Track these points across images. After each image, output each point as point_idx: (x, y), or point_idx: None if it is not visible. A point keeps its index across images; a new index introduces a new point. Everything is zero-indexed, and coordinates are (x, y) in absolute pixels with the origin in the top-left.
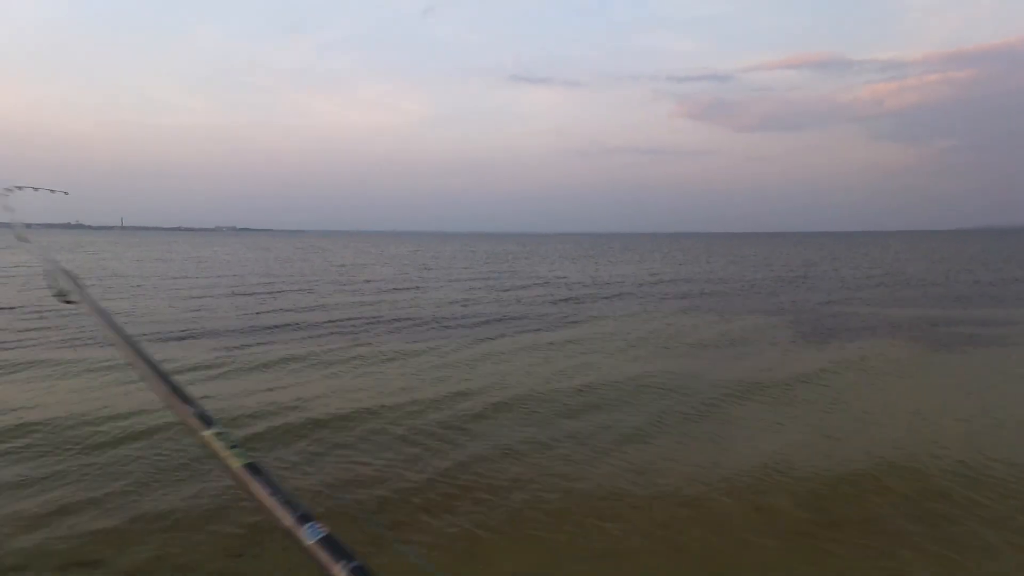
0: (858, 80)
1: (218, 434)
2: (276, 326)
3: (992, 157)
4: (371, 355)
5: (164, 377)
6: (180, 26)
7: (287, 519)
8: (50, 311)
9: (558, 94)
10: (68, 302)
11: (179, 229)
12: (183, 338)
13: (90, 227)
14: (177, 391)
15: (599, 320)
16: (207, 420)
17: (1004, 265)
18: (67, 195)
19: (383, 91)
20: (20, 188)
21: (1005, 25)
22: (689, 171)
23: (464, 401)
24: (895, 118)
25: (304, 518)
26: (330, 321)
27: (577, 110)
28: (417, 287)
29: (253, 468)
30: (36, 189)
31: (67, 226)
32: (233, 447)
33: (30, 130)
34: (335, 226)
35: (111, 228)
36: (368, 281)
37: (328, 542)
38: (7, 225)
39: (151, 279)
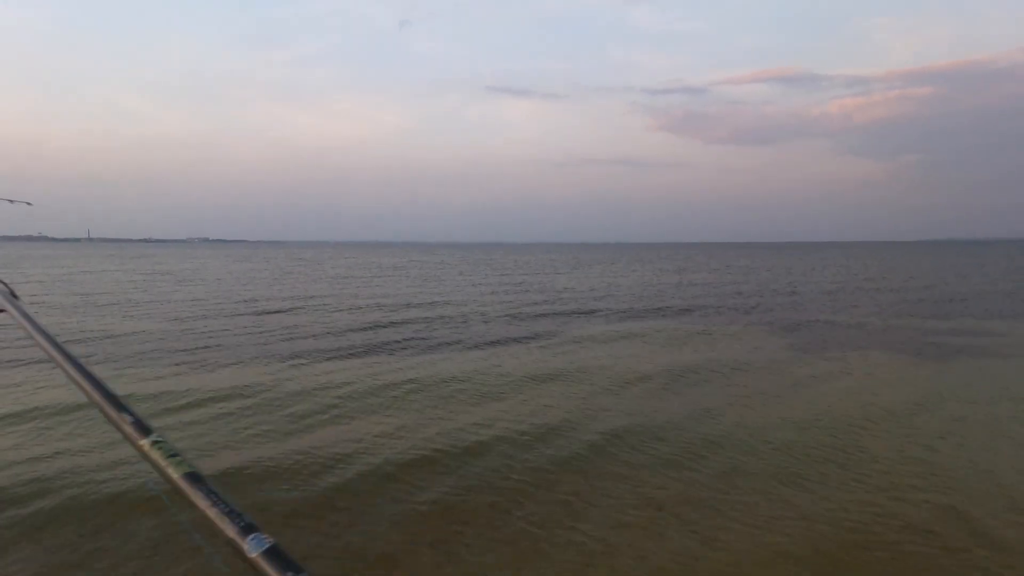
0: (827, 95)
1: (156, 442)
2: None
3: (952, 172)
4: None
5: (97, 383)
6: (151, 37)
7: (230, 530)
8: None
9: (535, 106)
10: None
11: (148, 240)
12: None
13: (55, 239)
14: (111, 397)
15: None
16: (144, 428)
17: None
18: (30, 206)
19: (360, 103)
20: None
21: (961, 47)
22: (664, 183)
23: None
24: (862, 132)
25: (248, 528)
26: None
27: (554, 122)
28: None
29: (194, 477)
30: None
31: (30, 238)
32: (172, 456)
33: None
34: (312, 237)
35: (77, 240)
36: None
37: (273, 553)
38: None
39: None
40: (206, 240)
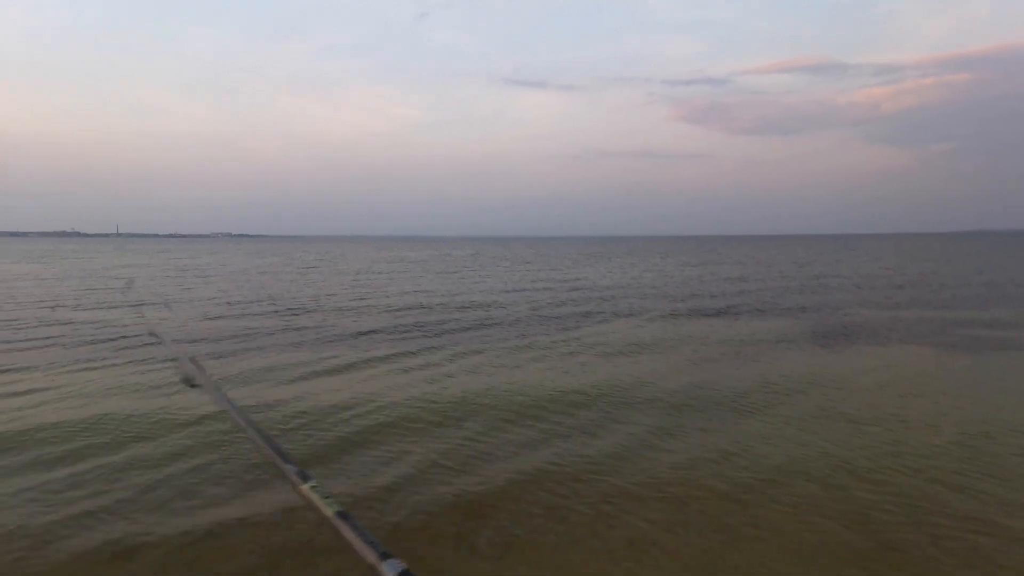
0: (854, 84)
1: (313, 487)
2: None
3: (987, 161)
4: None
5: (270, 441)
6: (172, 32)
7: (371, 557)
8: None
9: (553, 98)
10: (193, 386)
11: (174, 236)
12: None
13: (86, 235)
14: (280, 453)
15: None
16: (305, 476)
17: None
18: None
19: (378, 95)
20: None
21: (1000, 29)
22: (684, 175)
23: None
24: (891, 121)
25: (385, 555)
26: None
27: (572, 114)
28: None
29: (342, 515)
30: None
31: (63, 234)
32: (326, 498)
33: (25, 140)
34: (331, 231)
35: (107, 235)
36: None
37: (405, 575)
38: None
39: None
40: (229, 235)
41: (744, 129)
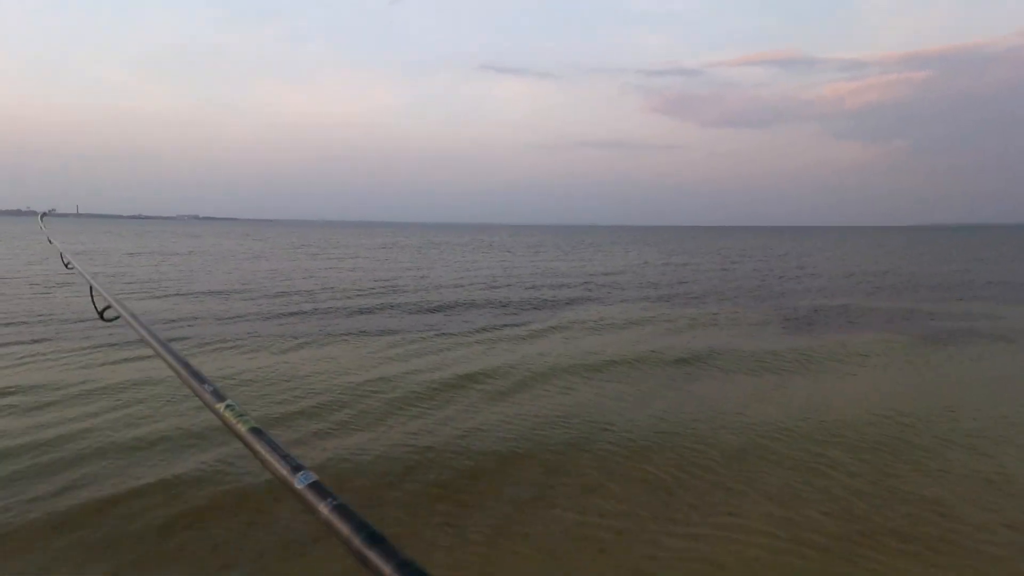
0: (821, 79)
1: (228, 406)
2: None
3: (941, 157)
4: None
5: (185, 364)
6: (133, 10)
7: (283, 470)
8: None
9: (528, 86)
10: (107, 320)
11: (139, 217)
12: None
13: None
14: (195, 373)
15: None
16: (219, 395)
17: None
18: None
19: (350, 81)
20: None
21: (955, 31)
22: (657, 165)
23: None
24: (855, 117)
25: (297, 468)
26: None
27: (549, 103)
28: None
29: (257, 432)
30: None
31: (18, 213)
32: (241, 416)
33: None
34: (303, 216)
35: (66, 216)
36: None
37: (315, 486)
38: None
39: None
40: (196, 217)
41: (715, 121)
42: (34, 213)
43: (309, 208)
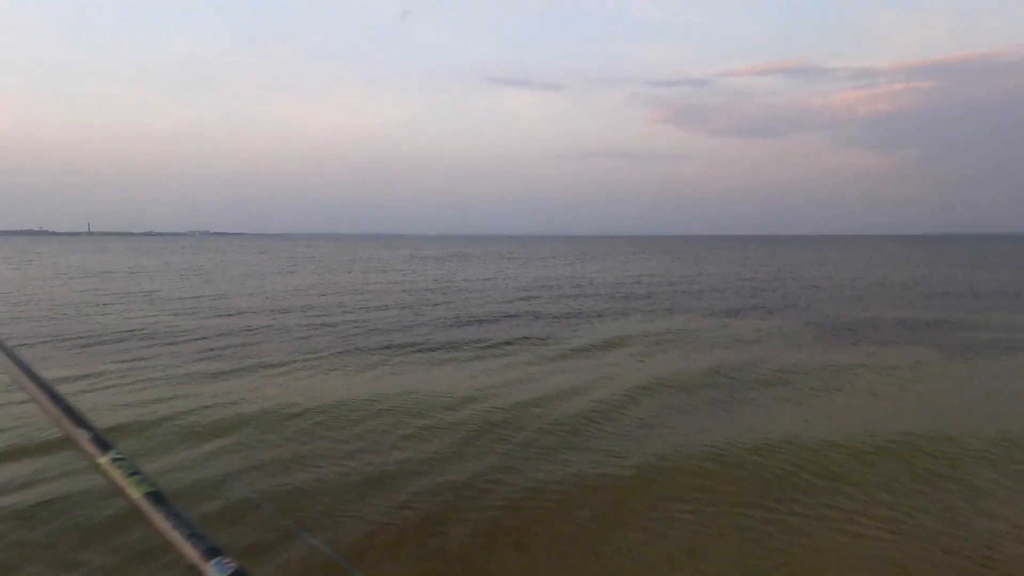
0: (831, 87)
1: (116, 459)
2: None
3: (953, 166)
4: None
5: (56, 397)
6: (150, 30)
7: (192, 554)
8: None
9: (537, 97)
10: None
11: (149, 234)
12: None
13: (56, 233)
14: (70, 412)
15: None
16: (104, 444)
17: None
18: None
19: (362, 96)
20: None
21: (964, 41)
22: (665, 175)
23: None
24: (866, 125)
25: (211, 552)
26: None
27: (556, 114)
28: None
29: (156, 497)
30: None
31: (31, 232)
32: (133, 474)
33: None
34: (313, 229)
35: (78, 234)
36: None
37: None
38: None
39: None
40: (207, 233)
41: (723, 130)
42: (48, 233)
43: (320, 222)
